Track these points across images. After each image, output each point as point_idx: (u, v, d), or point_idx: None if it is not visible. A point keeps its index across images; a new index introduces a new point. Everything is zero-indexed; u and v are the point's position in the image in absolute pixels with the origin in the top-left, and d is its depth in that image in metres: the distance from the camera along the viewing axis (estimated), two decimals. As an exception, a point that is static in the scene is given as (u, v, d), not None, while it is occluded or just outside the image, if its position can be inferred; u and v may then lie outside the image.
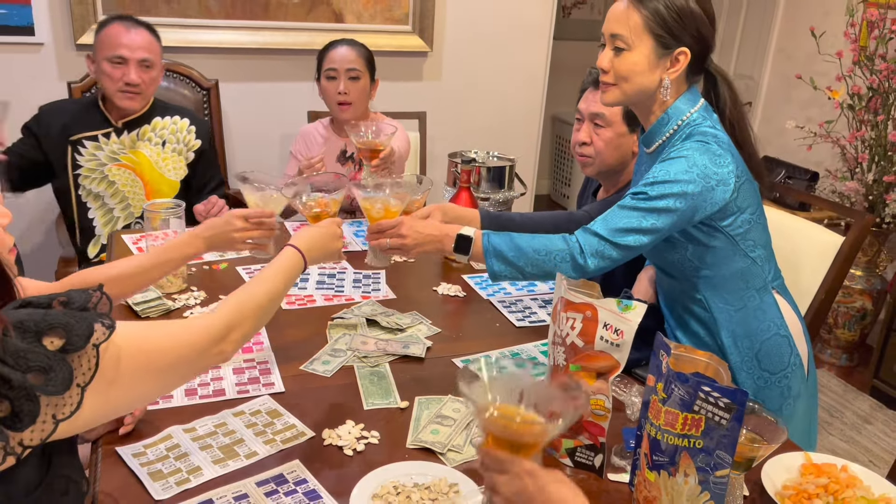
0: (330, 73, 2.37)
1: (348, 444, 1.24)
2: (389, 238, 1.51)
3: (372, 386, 1.42)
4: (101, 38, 2.20)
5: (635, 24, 1.41)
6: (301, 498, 1.11)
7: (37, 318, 0.78)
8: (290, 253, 1.25)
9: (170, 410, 1.30)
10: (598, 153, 1.89)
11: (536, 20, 3.35)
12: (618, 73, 1.45)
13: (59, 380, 0.77)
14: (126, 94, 2.21)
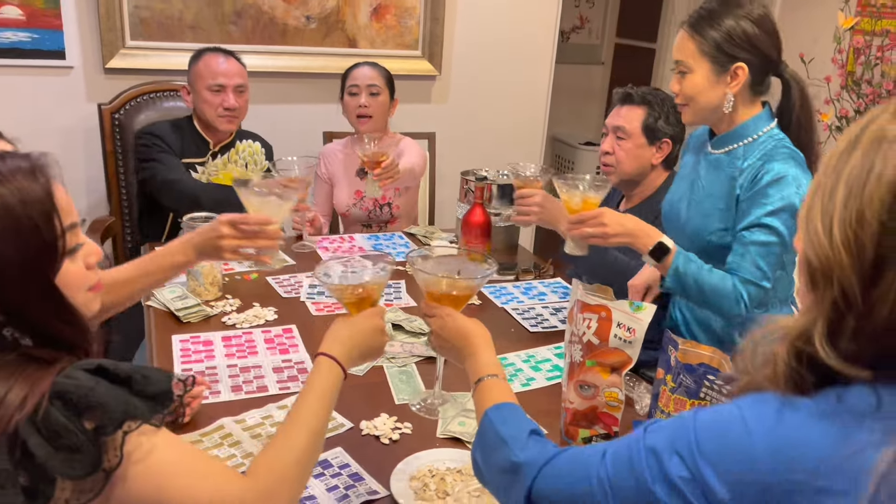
0: (352, 89, 2.54)
1: (384, 433, 1.36)
2: (590, 227, 1.58)
3: (401, 384, 1.55)
4: (199, 70, 2.40)
5: (691, 51, 1.57)
6: (346, 479, 1.24)
7: (81, 393, 0.78)
8: (328, 369, 1.09)
9: (220, 405, 1.42)
10: (618, 162, 2.07)
11: (539, 45, 3.51)
12: (685, 94, 1.61)
13: (84, 463, 0.77)
14: (226, 118, 2.42)
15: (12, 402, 0.76)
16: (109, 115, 2.73)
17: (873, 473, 0.59)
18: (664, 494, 0.68)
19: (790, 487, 0.62)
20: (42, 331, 0.84)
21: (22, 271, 0.81)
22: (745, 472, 0.64)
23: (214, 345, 1.65)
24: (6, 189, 0.80)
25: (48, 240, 0.83)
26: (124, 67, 2.83)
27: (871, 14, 3.36)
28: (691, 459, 0.67)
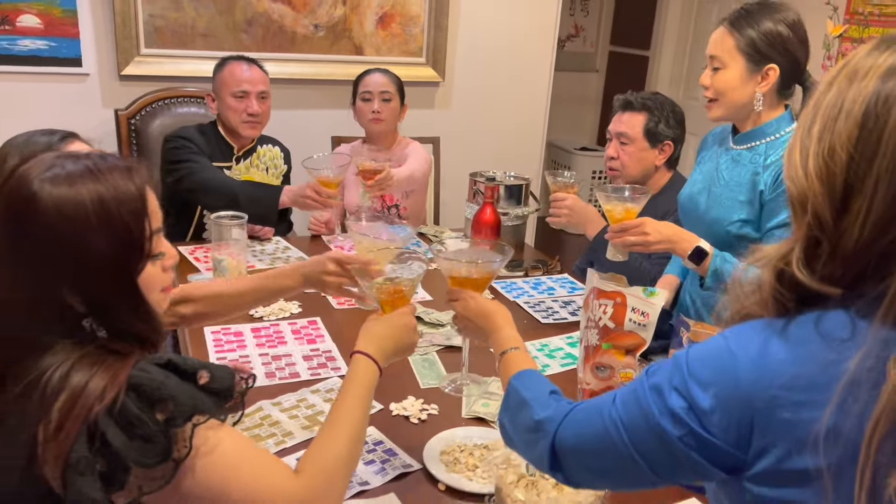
0: (365, 95, 2.64)
1: (413, 413, 1.45)
2: (633, 236, 1.67)
3: (424, 370, 1.63)
4: (223, 77, 2.47)
5: (729, 47, 1.65)
6: (381, 454, 1.32)
7: (154, 386, 0.83)
8: (365, 366, 1.13)
9: (256, 389, 1.49)
10: (623, 166, 2.18)
11: (538, 52, 3.61)
12: (716, 88, 1.69)
13: (155, 452, 0.81)
14: (249, 124, 2.48)
15: (93, 393, 0.81)
16: (126, 120, 2.81)
17: (842, 383, 0.66)
18: (670, 426, 0.74)
19: (770, 402, 0.69)
20: (119, 324, 0.89)
21: (110, 266, 0.86)
22: (730, 390, 0.71)
23: (245, 336, 1.73)
24: (103, 186, 0.86)
25: (137, 239, 0.88)
26: (139, 74, 2.92)
27: (858, 22, 3.49)
28: (685, 388, 0.74)
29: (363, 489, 1.23)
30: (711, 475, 0.75)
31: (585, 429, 0.86)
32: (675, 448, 0.75)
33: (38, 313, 0.86)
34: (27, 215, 0.84)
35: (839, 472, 0.67)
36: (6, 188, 0.87)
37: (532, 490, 1.19)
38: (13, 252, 0.85)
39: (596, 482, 0.95)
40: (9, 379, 0.85)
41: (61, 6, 2.78)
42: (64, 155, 0.90)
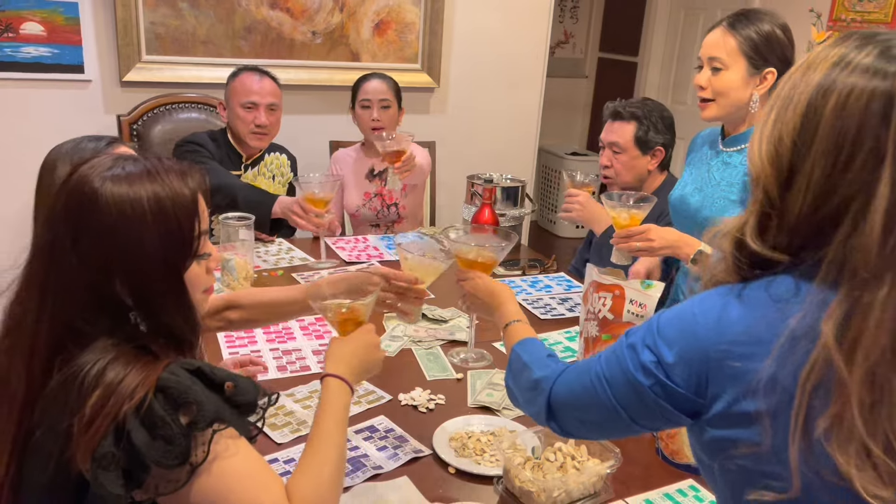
0: (364, 102, 2.69)
1: (421, 403, 1.51)
2: (638, 241, 1.72)
3: (430, 363, 1.69)
4: (235, 87, 2.51)
5: (731, 48, 1.71)
6: (392, 441, 1.38)
7: (181, 389, 0.86)
8: (337, 388, 1.11)
9: (269, 382, 1.56)
10: (617, 174, 2.25)
11: (531, 59, 3.69)
12: (715, 89, 1.74)
13: (175, 454, 0.84)
14: (256, 135, 2.52)
15: (124, 391, 0.86)
16: (128, 125, 2.86)
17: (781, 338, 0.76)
18: (642, 377, 0.86)
19: (722, 354, 0.80)
20: (162, 319, 0.94)
21: (160, 261, 0.92)
22: (690, 346, 0.82)
23: (255, 332, 1.78)
24: (160, 187, 0.92)
25: (187, 237, 0.94)
26: (140, 80, 2.97)
27: (841, 28, 3.59)
28: (655, 346, 0.85)
29: (377, 472, 1.29)
30: (678, 420, 0.86)
31: (576, 385, 0.99)
32: (646, 397, 0.86)
33: (91, 304, 0.91)
34: (88, 211, 0.90)
35: (777, 415, 0.76)
36: (69, 186, 0.92)
37: (538, 471, 1.26)
38: (74, 245, 0.90)
39: (586, 432, 1.05)
40: (55, 368, 0.90)
41: (64, 14, 2.83)
42: (124, 157, 0.96)
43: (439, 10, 3.39)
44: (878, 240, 0.73)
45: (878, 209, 0.73)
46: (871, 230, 0.73)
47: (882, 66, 0.76)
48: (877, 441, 0.72)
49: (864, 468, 0.72)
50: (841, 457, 0.72)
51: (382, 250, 2.45)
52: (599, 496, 1.27)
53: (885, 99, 0.74)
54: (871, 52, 0.77)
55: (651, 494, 1.29)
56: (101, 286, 0.91)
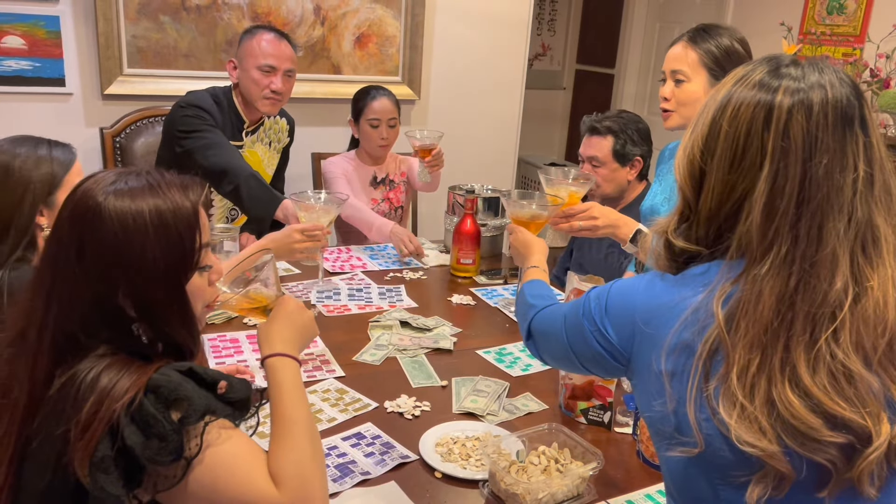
0: (374, 122, 2.71)
1: (406, 410, 1.54)
2: (581, 220, 1.77)
3: (415, 371, 1.72)
4: (251, 46, 2.36)
5: (692, 61, 1.78)
6: (379, 447, 1.40)
7: (171, 387, 0.88)
8: (283, 365, 1.08)
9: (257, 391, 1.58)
10: (598, 186, 2.31)
11: (510, 72, 3.74)
12: (679, 100, 1.81)
13: (168, 451, 0.86)
14: (270, 101, 2.40)
15: (117, 395, 0.88)
16: (111, 138, 2.87)
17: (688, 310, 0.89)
18: (587, 324, 1.03)
19: (645, 319, 0.95)
20: (164, 330, 0.97)
21: (162, 273, 0.94)
22: (626, 307, 0.99)
23: (241, 342, 1.80)
24: (162, 200, 0.95)
25: (188, 250, 0.96)
26: (121, 94, 2.98)
27: (811, 41, 3.69)
28: (604, 303, 1.02)
29: (365, 478, 1.31)
30: (610, 365, 1.02)
31: (549, 319, 1.19)
32: (589, 341, 1.03)
33: (94, 315, 0.93)
34: (92, 225, 0.92)
35: (679, 376, 0.89)
36: (73, 200, 0.95)
37: (523, 474, 1.29)
38: (78, 257, 0.93)
39: (550, 360, 1.23)
40: (55, 378, 0.92)
41: (45, 28, 2.83)
42: (127, 171, 0.99)
43: (419, 24, 3.43)
44: (759, 227, 0.87)
45: (758, 200, 0.87)
46: (754, 219, 0.87)
47: (768, 81, 0.90)
48: (755, 400, 0.83)
49: (742, 422, 0.83)
50: (724, 412, 0.84)
51: (366, 260, 2.48)
52: (583, 497, 1.30)
53: (767, 108, 0.88)
54: (763, 70, 0.91)
55: (632, 495, 1.32)
56: (105, 298, 0.93)
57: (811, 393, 0.82)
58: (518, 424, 1.51)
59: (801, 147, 0.86)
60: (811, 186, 0.85)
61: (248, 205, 2.15)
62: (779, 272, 0.85)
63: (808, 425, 0.81)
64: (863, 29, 3.56)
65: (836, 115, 0.87)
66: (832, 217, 0.85)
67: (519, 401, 1.62)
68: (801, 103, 0.87)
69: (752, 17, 4.06)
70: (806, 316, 0.84)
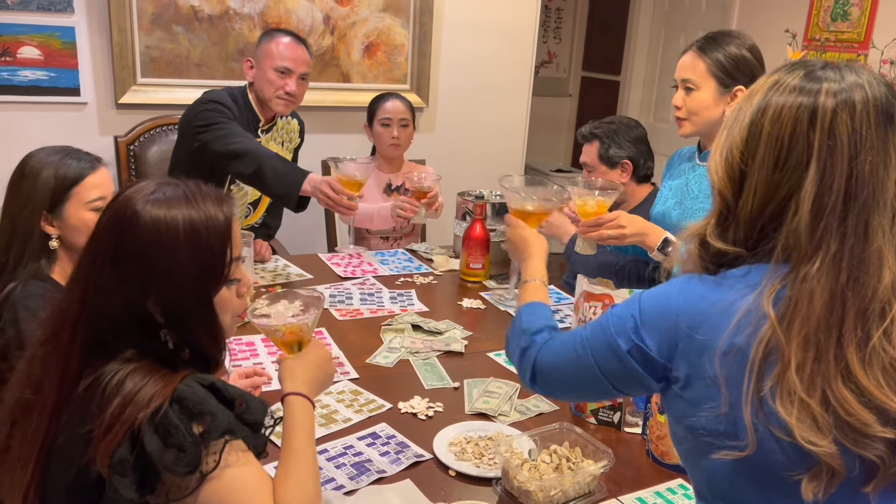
0: (385, 121, 2.77)
1: (420, 411, 1.57)
2: (609, 229, 1.79)
3: (427, 373, 1.75)
4: (269, 49, 2.43)
5: (701, 70, 1.81)
6: (394, 447, 1.44)
7: (196, 400, 0.91)
8: (300, 406, 1.13)
9: (272, 393, 1.61)
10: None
11: (517, 79, 3.79)
12: (689, 108, 1.84)
13: (186, 462, 0.88)
14: (283, 101, 2.45)
15: (142, 401, 0.91)
16: (125, 146, 2.91)
17: (738, 315, 0.88)
18: (623, 342, 0.98)
19: (690, 327, 0.92)
20: (190, 338, 1.00)
21: (192, 282, 0.97)
22: (665, 318, 0.95)
23: (256, 346, 1.84)
24: (196, 212, 0.98)
25: (218, 262, 0.99)
26: (135, 103, 3.03)
27: (816, 48, 3.72)
28: (637, 316, 0.98)
29: (381, 476, 1.34)
30: (649, 384, 0.99)
31: (561, 350, 1.12)
32: (624, 360, 0.99)
33: (124, 319, 0.97)
34: (128, 232, 0.96)
35: (733, 379, 0.89)
36: (113, 207, 0.99)
37: (535, 472, 1.32)
38: (113, 263, 0.96)
39: (564, 393, 1.19)
40: (83, 378, 0.96)
41: (61, 38, 2.89)
42: (166, 182, 1.02)
43: (427, 33, 3.48)
44: (807, 225, 0.88)
45: (806, 199, 0.88)
46: (802, 217, 0.88)
47: (806, 85, 0.91)
48: (813, 396, 0.84)
49: (802, 420, 0.84)
50: (783, 411, 0.84)
51: (376, 265, 2.51)
52: (594, 495, 1.33)
53: (811, 110, 0.89)
54: (798, 75, 0.93)
55: (643, 493, 1.35)
56: (135, 304, 0.96)
57: (864, 388, 0.83)
58: (529, 424, 1.54)
59: (847, 145, 0.88)
60: (857, 184, 0.87)
61: (273, 182, 2.16)
62: (829, 270, 0.86)
63: (862, 421, 0.83)
64: (867, 35, 3.59)
65: (877, 113, 0.89)
66: (878, 213, 0.87)
67: (530, 402, 1.65)
68: (845, 103, 0.88)
69: (756, 24, 4.09)
70: (857, 312, 0.85)
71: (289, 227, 2.93)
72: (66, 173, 1.53)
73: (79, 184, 1.54)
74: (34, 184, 1.52)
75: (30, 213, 1.52)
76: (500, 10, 3.64)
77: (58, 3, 2.85)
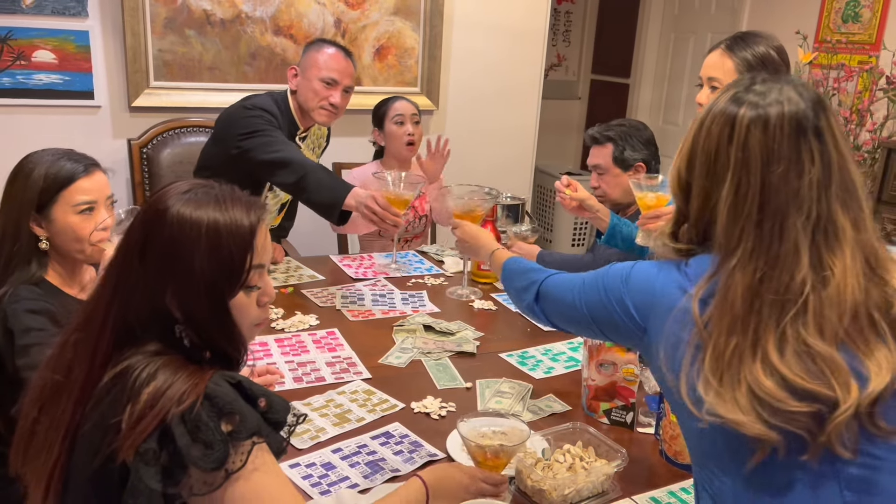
0: (398, 119, 2.77)
1: (433, 410, 1.58)
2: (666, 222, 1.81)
3: (439, 373, 1.76)
4: (316, 58, 2.40)
5: (728, 69, 1.81)
6: (408, 445, 1.44)
7: (227, 400, 0.92)
8: (416, 488, 1.16)
9: (286, 392, 1.62)
10: (605, 194, 2.37)
11: (527, 82, 3.80)
12: None
13: (213, 458, 0.89)
14: (326, 112, 2.43)
15: (174, 395, 0.92)
16: (138, 149, 2.94)
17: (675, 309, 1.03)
18: (613, 297, 1.13)
19: (658, 301, 1.07)
20: (204, 336, 1.01)
21: (207, 283, 0.98)
22: (646, 287, 1.10)
23: (270, 346, 1.85)
24: (222, 215, 0.99)
25: (236, 269, 0.99)
26: (148, 106, 3.05)
27: (827, 50, 3.71)
28: (627, 277, 1.13)
29: (395, 475, 1.35)
30: (631, 336, 1.12)
31: (563, 282, 1.28)
32: (610, 310, 1.14)
33: (146, 311, 0.98)
34: (157, 226, 0.98)
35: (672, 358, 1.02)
36: (150, 201, 1.02)
37: (548, 471, 1.32)
38: (141, 254, 0.99)
39: (560, 321, 1.31)
40: (110, 364, 0.97)
41: (75, 42, 2.91)
42: (202, 183, 1.04)
43: (438, 36, 3.49)
44: (724, 228, 1.00)
45: (723, 204, 1.00)
46: (721, 221, 1.01)
47: (731, 104, 1.02)
48: (723, 379, 0.94)
49: (717, 398, 0.94)
50: (702, 390, 0.95)
51: (387, 268, 2.52)
52: (607, 494, 1.33)
53: (731, 122, 1.01)
54: (730, 93, 1.03)
55: (657, 493, 1.35)
56: (156, 297, 0.98)
57: (778, 370, 0.92)
58: (542, 425, 1.54)
59: (759, 157, 0.98)
60: (770, 191, 0.98)
61: (316, 194, 2.14)
62: (745, 266, 0.97)
63: (775, 398, 0.91)
64: (878, 37, 3.58)
65: (791, 126, 0.98)
66: (792, 215, 0.97)
67: (542, 402, 1.65)
68: (759, 118, 0.99)
69: (767, 27, 4.08)
70: (772, 304, 0.95)
71: (300, 228, 2.94)
72: (56, 174, 1.50)
73: (68, 187, 1.50)
74: (25, 183, 1.50)
75: (18, 213, 1.50)
76: (510, 13, 3.66)
77: (72, 8, 2.88)
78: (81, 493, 0.98)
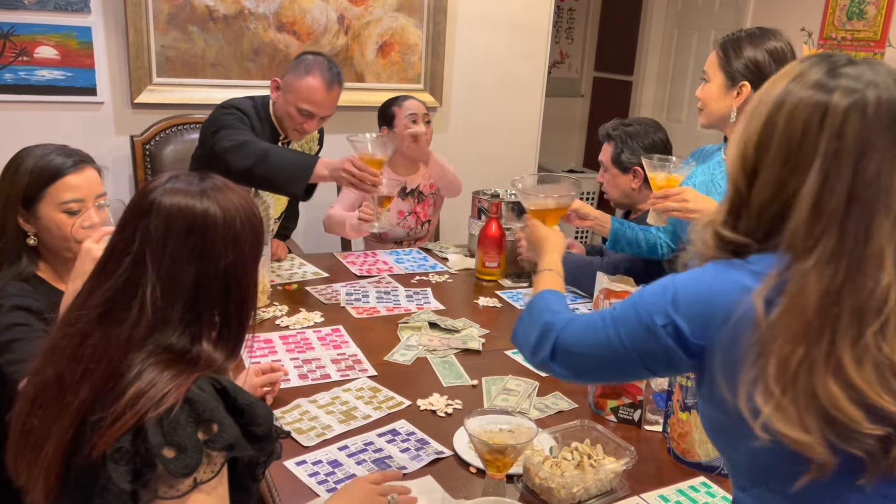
0: (412, 117, 2.73)
1: (439, 408, 1.57)
2: (674, 202, 1.78)
3: (445, 370, 1.75)
4: (300, 86, 2.34)
5: (712, 62, 1.87)
6: (414, 443, 1.43)
7: (207, 407, 0.92)
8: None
9: (291, 389, 1.62)
10: (606, 191, 2.37)
11: (530, 79, 3.78)
12: (702, 99, 1.90)
13: (183, 464, 0.88)
14: (298, 133, 2.45)
15: (153, 397, 0.91)
16: (141, 146, 2.93)
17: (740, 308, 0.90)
18: (659, 318, 0.97)
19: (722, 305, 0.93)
20: (225, 321, 1.03)
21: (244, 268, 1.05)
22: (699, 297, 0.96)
23: (274, 343, 1.84)
24: (211, 204, 1.01)
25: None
26: (151, 102, 3.04)
27: (832, 46, 3.70)
28: (673, 296, 0.97)
29: (402, 473, 1.34)
30: (680, 362, 0.98)
31: (586, 328, 1.10)
32: (659, 335, 0.97)
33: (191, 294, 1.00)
34: (148, 216, 1.02)
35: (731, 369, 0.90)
36: (137, 195, 1.05)
37: (556, 469, 1.31)
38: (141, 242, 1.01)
39: (587, 374, 1.17)
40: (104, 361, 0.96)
41: (77, 38, 2.90)
42: (212, 178, 1.08)
43: (441, 32, 3.48)
44: (805, 224, 0.88)
45: (805, 197, 0.88)
46: (801, 216, 0.89)
47: (825, 82, 0.91)
48: (787, 392, 0.85)
49: (777, 411, 0.85)
50: (761, 402, 0.86)
51: (392, 264, 2.51)
52: (616, 492, 1.33)
53: (823, 109, 0.89)
54: (820, 70, 0.92)
55: (665, 491, 1.34)
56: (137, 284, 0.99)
57: (855, 385, 0.83)
58: (549, 422, 1.53)
59: (854, 147, 0.88)
60: (861, 186, 0.87)
61: (278, 173, 2.06)
62: (825, 268, 0.87)
63: (850, 417, 0.83)
64: (883, 33, 3.57)
65: (889, 115, 0.88)
66: (880, 214, 0.87)
67: (549, 399, 1.64)
68: (856, 104, 0.88)
69: (771, 23, 4.05)
70: (852, 311, 0.85)
71: (304, 226, 2.93)
72: (43, 169, 1.46)
73: (55, 182, 1.47)
74: (13, 177, 1.47)
75: (3, 208, 1.47)
76: (513, 10, 3.64)
77: (74, 4, 2.87)
78: (71, 490, 0.98)
